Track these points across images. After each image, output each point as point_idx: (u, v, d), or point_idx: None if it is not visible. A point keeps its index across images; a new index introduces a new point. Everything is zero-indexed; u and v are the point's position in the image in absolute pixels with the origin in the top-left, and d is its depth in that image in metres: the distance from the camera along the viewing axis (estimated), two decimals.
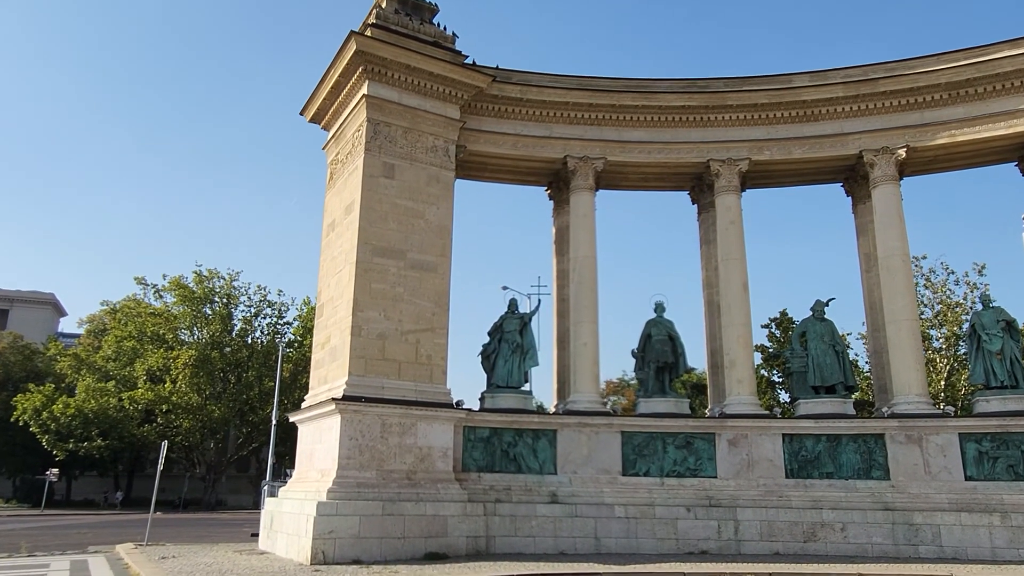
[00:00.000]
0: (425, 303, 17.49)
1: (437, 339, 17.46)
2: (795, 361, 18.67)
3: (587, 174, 19.64)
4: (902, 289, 17.96)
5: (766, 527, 16.69)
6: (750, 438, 17.66)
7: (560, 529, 16.73)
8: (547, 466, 17.65)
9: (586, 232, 19.41)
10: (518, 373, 18.47)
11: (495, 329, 18.93)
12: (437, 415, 16.80)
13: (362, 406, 15.92)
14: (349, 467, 15.62)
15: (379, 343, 16.72)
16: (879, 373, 19.38)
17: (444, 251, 18.06)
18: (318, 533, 14.52)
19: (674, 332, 19.03)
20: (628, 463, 17.74)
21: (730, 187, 19.52)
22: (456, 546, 15.79)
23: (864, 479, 17.09)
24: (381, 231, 17.34)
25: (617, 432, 17.88)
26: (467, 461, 17.34)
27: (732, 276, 18.95)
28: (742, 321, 18.64)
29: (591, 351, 18.62)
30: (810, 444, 17.53)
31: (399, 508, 15.46)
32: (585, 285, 19.01)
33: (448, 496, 16.25)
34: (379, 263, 17.16)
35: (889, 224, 18.39)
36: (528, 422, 17.79)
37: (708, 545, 16.67)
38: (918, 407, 17.18)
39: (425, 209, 18.03)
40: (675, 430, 17.87)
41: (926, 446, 16.92)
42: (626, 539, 16.74)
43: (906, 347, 17.62)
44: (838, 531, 16.44)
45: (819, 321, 18.72)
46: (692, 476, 17.63)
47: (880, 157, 18.76)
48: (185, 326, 53.95)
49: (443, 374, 17.34)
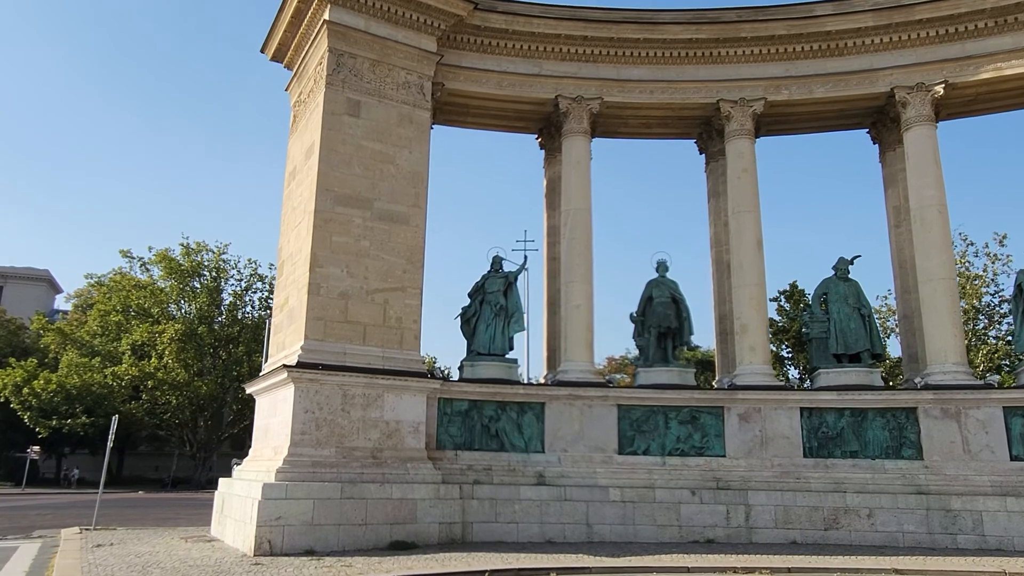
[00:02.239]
0: (395, 259, 15.39)
1: (408, 300, 15.38)
2: (814, 326, 16.53)
3: (581, 116, 17.42)
4: (938, 243, 15.77)
5: (781, 513, 14.68)
6: (763, 412, 15.59)
7: (547, 514, 14.75)
8: (533, 443, 15.64)
9: (579, 181, 17.23)
10: (501, 339, 16.41)
11: (476, 290, 16.84)
12: (407, 385, 14.76)
13: (319, 374, 13.89)
14: (303, 444, 13.63)
15: (341, 303, 14.66)
16: (909, 340, 17.25)
17: (417, 200, 15.92)
18: (263, 520, 12.56)
19: (678, 294, 16.91)
20: (625, 440, 15.71)
21: (742, 131, 17.27)
22: (427, 534, 13.84)
23: (894, 459, 15.04)
24: (344, 176, 15.20)
25: (613, 405, 15.83)
26: (442, 438, 15.34)
27: (744, 230, 16.77)
28: (755, 281, 16.50)
29: (584, 314, 16.53)
30: (832, 419, 15.46)
31: (361, 491, 13.49)
32: (578, 240, 16.88)
33: (418, 477, 14.27)
34: (342, 213, 15.04)
35: (923, 170, 16.15)
36: (512, 394, 15.76)
37: (715, 533, 14.67)
38: (956, 377, 15.07)
39: (396, 153, 15.87)
40: (679, 403, 15.81)
41: (965, 421, 14.83)
42: (622, 526, 14.76)
43: (942, 309, 15.47)
44: (864, 518, 14.42)
45: (842, 281, 16.56)
46: (697, 455, 15.60)
47: (914, 95, 16.48)
48: (172, 300, 52.18)
49: (415, 339, 15.29)
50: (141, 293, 51.59)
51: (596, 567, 11.79)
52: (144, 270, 54.15)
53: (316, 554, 12.51)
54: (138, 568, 11.32)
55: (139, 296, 51.50)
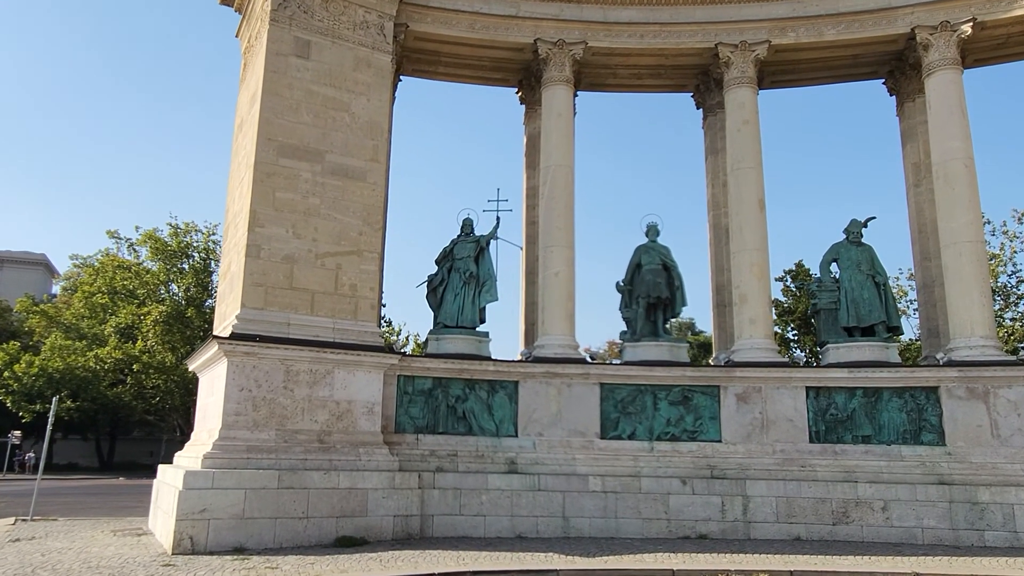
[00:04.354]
0: (350, 219, 13.65)
1: (365, 265, 13.66)
2: (823, 296, 14.73)
3: (563, 63, 15.58)
4: (964, 202, 13.90)
5: (784, 505, 12.96)
6: (764, 392, 13.84)
7: (518, 506, 13.07)
8: (505, 427, 13.94)
9: (560, 135, 15.42)
10: (471, 310, 14.67)
11: (444, 256, 15.09)
12: (361, 360, 13.07)
13: (257, 347, 12.20)
14: (237, 426, 11.97)
15: (285, 268, 12.94)
16: (929, 313, 15.43)
17: (376, 154, 14.15)
18: (184, 513, 10.91)
19: (670, 260, 15.11)
20: (608, 423, 14.00)
21: (744, 78, 15.40)
22: (379, 528, 12.19)
23: (912, 444, 13.28)
24: (290, 125, 13.44)
25: (595, 384, 14.10)
26: (402, 420, 13.66)
27: (745, 188, 14.94)
28: (756, 246, 14.68)
29: (564, 283, 14.77)
30: (842, 400, 13.69)
31: (302, 479, 11.83)
32: (557, 200, 15.09)
33: (371, 464, 12.60)
34: (287, 166, 13.29)
35: (948, 119, 14.26)
36: (481, 371, 14.04)
37: (709, 527, 12.97)
38: (984, 352, 13.27)
39: (352, 100, 14.09)
40: (669, 382, 14.07)
41: (994, 402, 13.05)
42: (603, 519, 13.07)
43: (968, 276, 13.63)
44: (878, 511, 12.69)
45: (855, 246, 14.72)
46: (690, 440, 13.88)
47: (937, 36, 14.57)
48: (160, 281, 50.65)
49: (372, 309, 13.59)
50: (126, 274, 50.18)
51: (564, 569, 10.10)
52: (132, 251, 52.75)
53: (246, 552, 10.86)
54: (30, 568, 9.70)
55: (124, 277, 50.09)
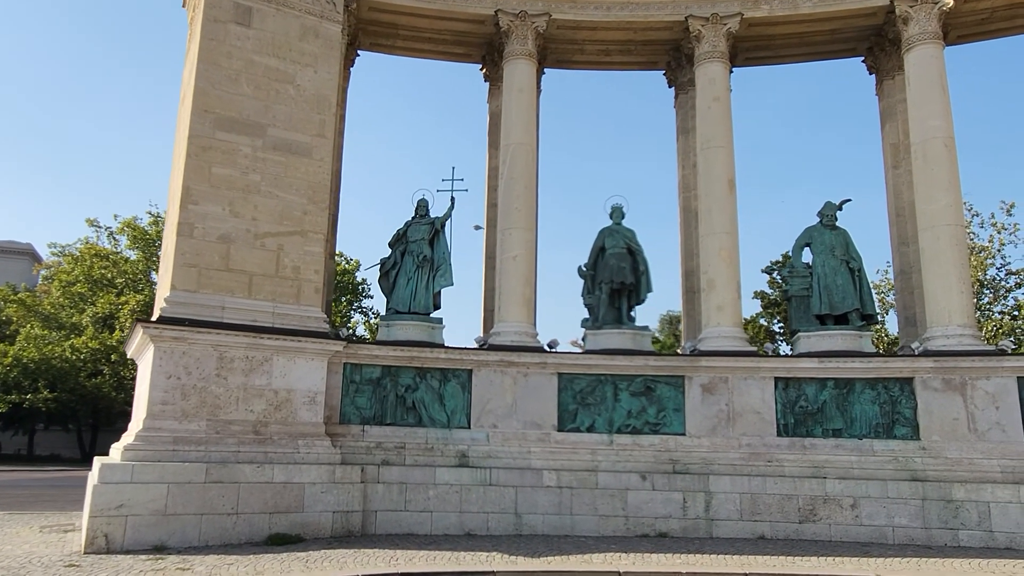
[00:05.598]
0: (293, 197, 12.86)
1: (309, 246, 12.88)
2: (795, 282, 14.01)
3: (525, 37, 14.79)
4: (944, 183, 13.18)
5: (748, 502, 12.26)
6: (731, 383, 13.12)
7: (468, 502, 12.34)
8: (458, 418, 13.20)
9: (521, 112, 14.64)
10: (425, 295, 13.91)
11: (397, 238, 14.32)
12: (303, 347, 12.30)
13: (187, 332, 11.42)
14: (164, 416, 11.19)
15: (221, 248, 12.15)
16: (906, 300, 14.72)
17: (323, 129, 13.35)
18: (98, 509, 10.16)
19: (635, 244, 14.36)
20: (566, 415, 13.27)
21: (715, 53, 14.63)
22: (317, 525, 11.44)
23: (884, 439, 12.58)
24: (229, 96, 12.63)
25: (553, 374, 13.36)
26: (347, 410, 12.92)
27: (714, 168, 14.19)
28: (725, 229, 13.94)
29: (523, 267, 14.02)
30: (812, 391, 12.99)
31: (233, 473, 11.06)
32: (517, 181, 14.32)
33: (311, 457, 11.85)
34: (225, 140, 12.48)
35: (927, 97, 13.53)
36: (433, 358, 13.28)
37: (669, 525, 12.26)
38: (961, 341, 12.57)
39: (297, 72, 13.28)
40: (631, 371, 13.34)
41: (971, 394, 12.36)
42: (557, 516, 12.35)
43: (947, 261, 12.92)
44: (847, 508, 12.00)
45: (829, 229, 13.99)
46: (652, 433, 13.16)
47: (919, 8, 13.82)
48: (139, 271, 49.72)
49: (316, 293, 12.81)
50: (104, 263, 49.28)
51: (503, 570, 9.37)
52: (112, 240, 51.85)
53: (166, 551, 10.10)
54: None
55: (102, 266, 49.19)
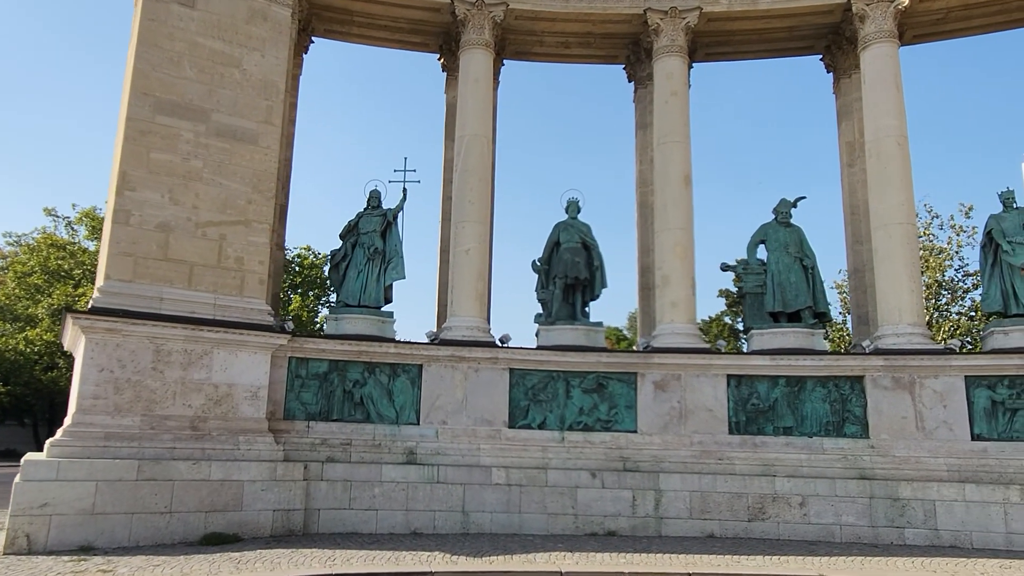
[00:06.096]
0: (237, 185, 12.45)
1: (254, 236, 12.47)
2: (749, 279, 13.95)
3: (482, 26, 14.51)
4: (896, 182, 13.20)
5: (698, 500, 12.16)
6: (684, 380, 13.01)
7: (415, 499, 12.06)
8: (407, 414, 12.91)
9: (477, 103, 14.36)
10: (375, 288, 13.58)
11: (348, 230, 13.96)
12: (245, 340, 11.91)
13: (121, 323, 10.98)
14: (95, 411, 10.74)
15: (159, 237, 11.70)
16: (859, 299, 14.76)
17: (271, 116, 12.95)
18: (20, 507, 9.69)
19: (590, 239, 14.18)
20: (518, 412, 13.06)
21: (673, 47, 14.50)
22: (256, 524, 11.08)
23: (834, 437, 12.57)
24: (170, 79, 12.17)
25: (504, 370, 13.13)
26: (292, 406, 12.55)
27: (671, 164, 14.06)
28: (680, 224, 13.82)
29: (476, 261, 13.77)
30: (764, 389, 12.93)
31: (167, 470, 10.66)
32: (471, 173, 14.05)
33: (251, 454, 11.48)
34: (165, 124, 12.02)
35: (882, 95, 13.52)
36: (382, 353, 12.97)
37: (618, 523, 12.12)
38: (911, 340, 12.59)
39: (243, 56, 12.85)
40: (583, 368, 13.17)
41: (920, 393, 12.39)
42: (505, 514, 12.13)
43: (898, 259, 12.94)
44: (796, 507, 11.95)
45: (783, 227, 13.94)
46: (604, 430, 13.01)
47: (875, 6, 13.81)
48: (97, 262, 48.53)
49: (260, 284, 12.41)
50: (61, 254, 48.00)
51: (443, 571, 9.12)
52: (69, 230, 50.55)
53: (92, 552, 9.68)
54: None
55: (59, 257, 47.91)
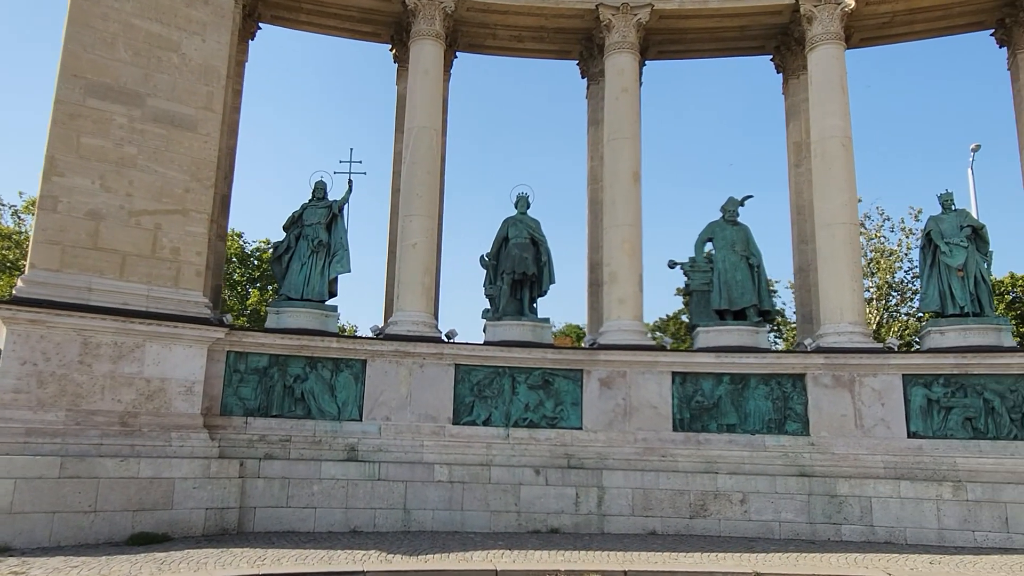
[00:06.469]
0: (175, 173, 12.06)
1: (191, 226, 12.10)
2: (696, 277, 14.00)
3: (432, 16, 14.30)
4: (840, 182, 13.36)
5: (640, 497, 12.16)
6: (629, 377, 13.00)
7: (355, 497, 11.84)
8: (349, 410, 12.68)
9: (427, 94, 14.15)
10: (319, 281, 13.30)
11: (292, 222, 13.64)
12: (179, 333, 11.55)
13: (45, 314, 10.54)
14: (16, 405, 10.30)
15: (90, 225, 11.27)
16: (803, 297, 14.93)
17: (211, 102, 12.57)
18: None
19: (539, 235, 14.08)
20: (463, 408, 12.92)
21: (625, 44, 14.47)
22: (187, 523, 10.75)
23: (776, 434, 12.68)
24: (104, 61, 11.72)
25: (450, 365, 12.98)
26: (230, 401, 12.23)
27: (620, 160, 14.04)
28: (629, 221, 13.81)
29: (423, 255, 13.57)
30: (708, 387, 12.99)
31: (92, 467, 10.26)
32: (419, 166, 13.84)
33: (184, 450, 11.13)
34: (97, 108, 11.58)
35: (827, 96, 13.68)
36: (324, 348, 12.71)
37: (561, 521, 12.05)
38: (851, 339, 12.76)
39: (183, 40, 12.45)
40: (529, 364, 13.07)
41: (859, 391, 12.56)
42: (447, 511, 11.98)
43: (840, 259, 13.11)
44: (736, 504, 12.03)
45: (731, 225, 14.02)
46: (549, 427, 12.93)
47: (822, 8, 13.96)
48: None
49: (198, 276, 12.05)
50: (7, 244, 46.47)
51: (377, 570, 8.93)
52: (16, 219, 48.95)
53: (8, 552, 9.26)
54: None
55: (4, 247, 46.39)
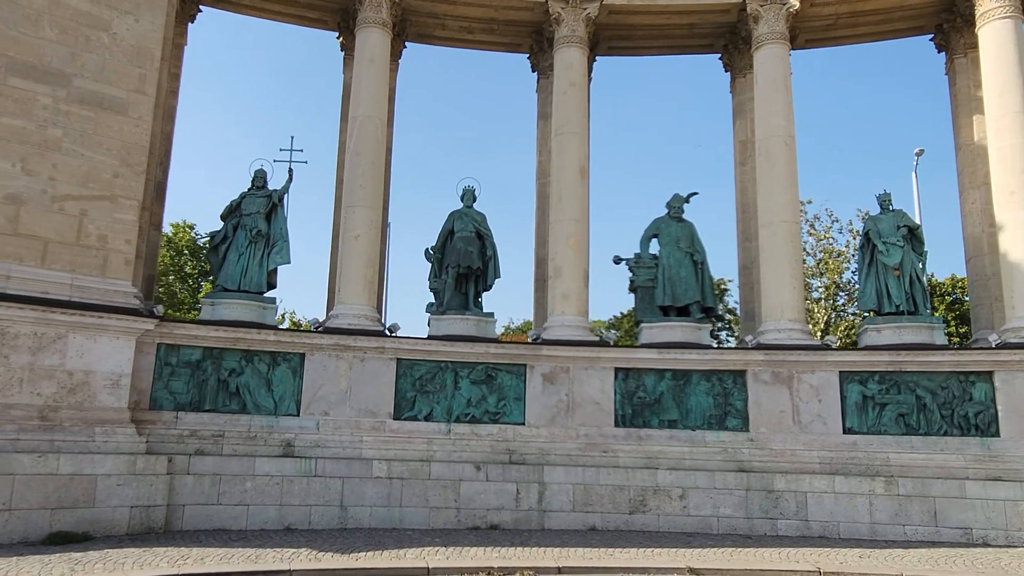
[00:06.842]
0: (103, 158, 11.56)
1: (120, 213, 11.62)
2: (641, 273, 14.00)
3: (379, 4, 14.01)
4: (783, 181, 13.51)
5: (581, 493, 12.11)
6: (572, 373, 12.95)
7: (290, 494, 11.53)
8: (286, 404, 12.36)
9: (372, 83, 13.86)
10: (257, 272, 12.92)
11: (230, 210, 13.24)
12: (105, 324, 11.09)
13: None
14: None
15: (9, 210, 10.73)
16: (747, 294, 15.07)
17: (144, 85, 12.09)
18: None
19: (484, 228, 13.92)
20: (404, 403, 12.70)
21: (573, 38, 14.38)
22: (110, 521, 10.32)
23: (716, 430, 12.76)
24: (27, 39, 11.17)
25: (391, 359, 12.75)
26: (160, 395, 11.82)
27: (567, 155, 13.96)
28: (575, 216, 13.75)
29: (365, 247, 13.29)
30: (651, 383, 13.00)
31: (8, 463, 9.78)
32: (364, 156, 13.55)
33: (108, 446, 10.69)
34: (18, 87, 11.03)
35: (772, 95, 13.81)
36: (261, 340, 12.36)
37: (501, 517, 11.94)
38: (791, 336, 12.91)
39: (114, 19, 11.93)
40: (472, 359, 12.92)
41: (797, 387, 12.71)
42: (386, 508, 11.76)
43: (781, 257, 13.26)
44: (676, 499, 12.07)
45: (675, 221, 14.07)
46: (491, 422, 12.80)
47: (768, 8, 14.07)
48: None
49: (127, 265, 11.58)
50: None
51: (304, 569, 8.67)
52: None
53: None
54: None
55: None
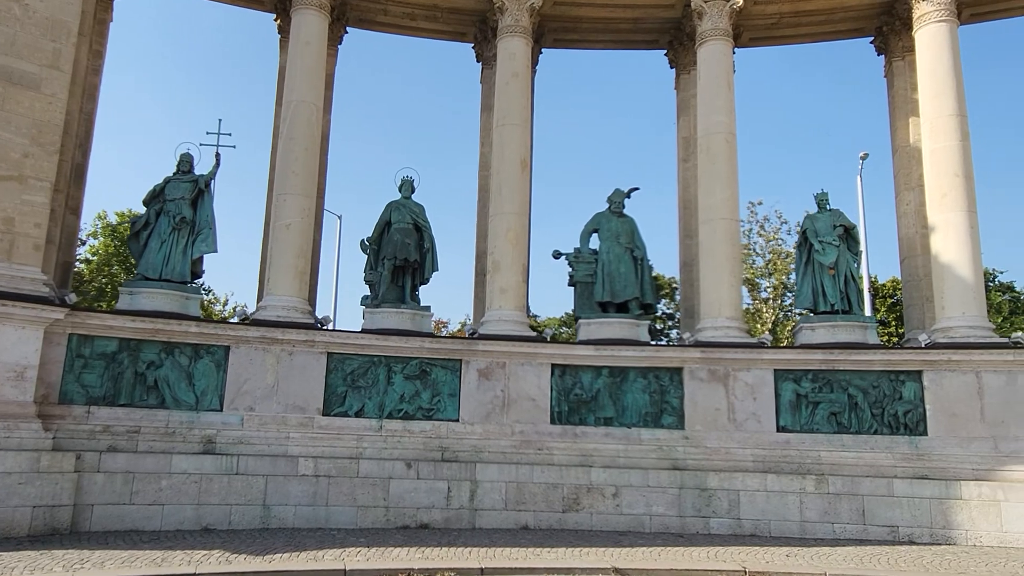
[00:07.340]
0: (10, 136, 10.88)
1: (29, 195, 10.95)
2: (580, 268, 13.82)
3: None
4: (723, 178, 13.46)
5: (514, 491, 11.87)
6: (508, 368, 12.70)
7: (208, 493, 11.03)
8: (209, 399, 11.85)
9: (307, 67, 13.38)
10: (181, 261, 12.36)
11: (153, 196, 12.64)
12: (9, 313, 10.44)
13: None
14: None
15: None
16: (687, 292, 15.03)
17: (58, 60, 11.42)
18: None
19: (422, 220, 13.57)
20: (335, 398, 12.30)
21: (517, 28, 14.11)
22: (11, 522, 9.70)
23: (652, 428, 12.65)
24: None
25: (322, 353, 12.33)
26: (70, 389, 11.20)
27: (508, 146, 13.69)
28: (514, 209, 13.50)
29: (296, 236, 12.83)
30: (588, 379, 12.84)
31: None
32: (297, 142, 13.08)
33: (10, 442, 10.04)
34: None
35: (714, 93, 13.75)
36: (182, 332, 11.81)
37: (432, 516, 11.62)
38: (727, 334, 12.87)
39: None
40: (406, 353, 12.57)
41: (733, 385, 12.68)
42: (311, 507, 11.35)
43: (720, 255, 13.21)
44: (609, 497, 11.92)
45: (616, 217, 13.92)
46: (425, 419, 12.48)
47: (711, 4, 14.01)
48: None
49: (36, 251, 10.93)
50: None
51: (212, 572, 8.24)
52: None
53: None
54: None
55: None
